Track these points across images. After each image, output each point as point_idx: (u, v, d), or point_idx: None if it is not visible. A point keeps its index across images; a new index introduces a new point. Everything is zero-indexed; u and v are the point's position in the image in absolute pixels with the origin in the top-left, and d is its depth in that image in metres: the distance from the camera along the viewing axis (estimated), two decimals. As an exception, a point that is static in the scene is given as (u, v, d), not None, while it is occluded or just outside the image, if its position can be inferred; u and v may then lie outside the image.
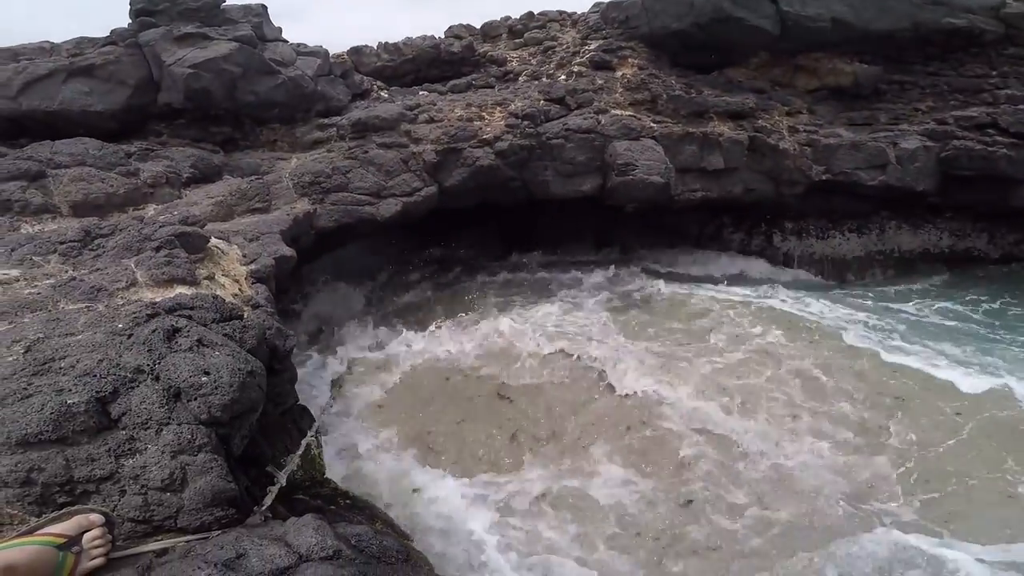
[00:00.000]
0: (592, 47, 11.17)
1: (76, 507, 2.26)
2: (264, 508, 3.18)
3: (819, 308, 8.59)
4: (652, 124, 9.90)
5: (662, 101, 10.11)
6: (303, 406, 4.63)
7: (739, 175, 10.22)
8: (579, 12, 12.80)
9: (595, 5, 12.49)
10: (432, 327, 7.82)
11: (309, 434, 4.03)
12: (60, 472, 2.37)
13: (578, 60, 11.02)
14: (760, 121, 10.24)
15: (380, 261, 10.72)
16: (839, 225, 10.96)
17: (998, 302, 8.96)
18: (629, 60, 10.72)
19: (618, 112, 9.90)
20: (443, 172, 9.07)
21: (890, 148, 9.98)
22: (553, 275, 10.34)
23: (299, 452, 3.99)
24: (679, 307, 8.68)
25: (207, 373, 2.77)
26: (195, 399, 2.69)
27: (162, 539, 2.44)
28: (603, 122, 9.64)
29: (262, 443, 3.77)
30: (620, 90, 10.24)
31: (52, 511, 2.25)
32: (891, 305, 9.01)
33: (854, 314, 8.40)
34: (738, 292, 9.31)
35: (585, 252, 11.55)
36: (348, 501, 3.92)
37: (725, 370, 6.45)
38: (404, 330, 7.70)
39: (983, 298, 9.10)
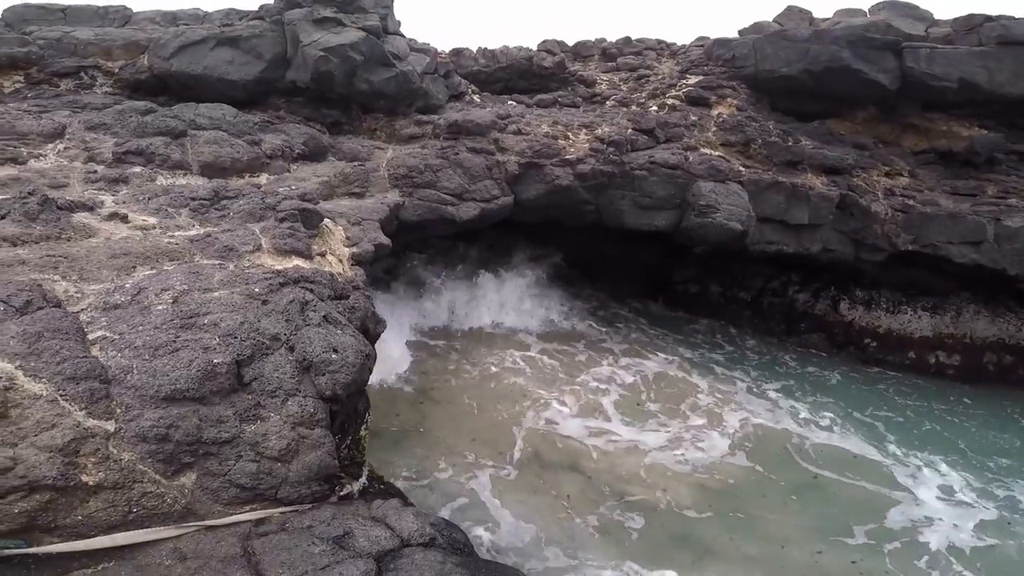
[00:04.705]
0: (691, 82, 11.06)
1: None
2: (354, 489, 3.25)
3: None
4: (741, 168, 9.67)
5: (756, 146, 9.88)
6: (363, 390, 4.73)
7: (821, 233, 9.68)
8: (679, 43, 12.70)
9: (699, 39, 12.36)
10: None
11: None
12: (192, 431, 2.44)
13: (673, 93, 10.93)
14: (856, 179, 9.75)
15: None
16: (913, 301, 10.08)
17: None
18: (728, 100, 10.53)
19: (708, 151, 9.73)
20: (521, 184, 9.13)
21: (991, 224, 9.10)
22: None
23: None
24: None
25: (336, 351, 2.83)
26: (324, 374, 2.75)
27: (257, 508, 2.52)
28: (691, 159, 9.49)
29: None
30: (713, 129, 10.08)
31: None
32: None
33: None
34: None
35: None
36: (382, 486, 4.00)
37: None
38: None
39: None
